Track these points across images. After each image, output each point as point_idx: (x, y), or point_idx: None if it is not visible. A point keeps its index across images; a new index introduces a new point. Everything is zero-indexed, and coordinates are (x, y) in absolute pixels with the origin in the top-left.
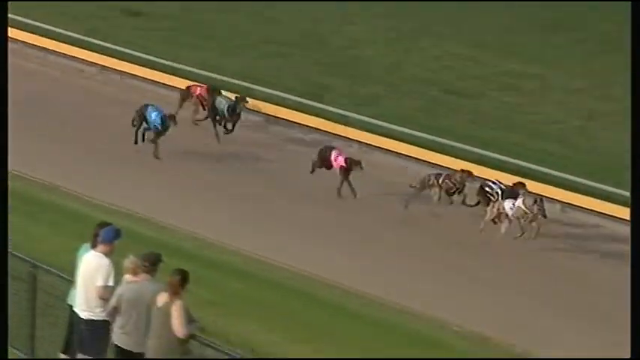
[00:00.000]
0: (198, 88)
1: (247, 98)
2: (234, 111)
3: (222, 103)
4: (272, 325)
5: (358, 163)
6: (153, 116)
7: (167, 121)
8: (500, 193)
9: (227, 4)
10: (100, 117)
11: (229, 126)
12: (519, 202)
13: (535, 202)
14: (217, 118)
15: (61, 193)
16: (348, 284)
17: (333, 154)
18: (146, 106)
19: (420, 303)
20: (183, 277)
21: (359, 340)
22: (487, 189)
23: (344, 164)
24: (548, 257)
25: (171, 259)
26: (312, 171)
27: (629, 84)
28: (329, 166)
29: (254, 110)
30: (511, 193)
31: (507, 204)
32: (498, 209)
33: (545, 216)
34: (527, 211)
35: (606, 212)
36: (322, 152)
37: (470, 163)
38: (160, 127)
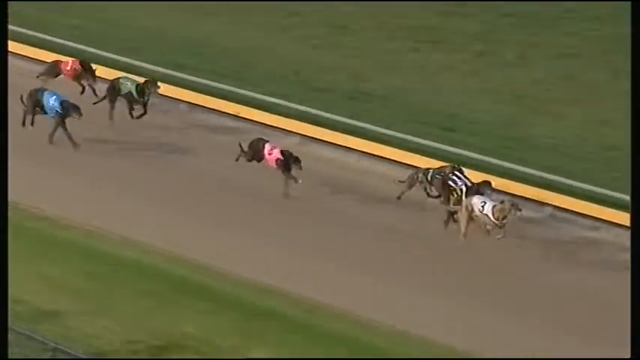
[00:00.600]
0: (70, 62)
1: (158, 83)
2: (142, 94)
3: (127, 85)
4: None
5: (298, 160)
6: (51, 101)
7: (67, 105)
8: (464, 189)
9: None
10: None
11: (139, 110)
12: (496, 203)
13: (512, 204)
14: (128, 102)
15: None
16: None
17: (267, 147)
18: (41, 90)
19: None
20: None
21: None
22: (450, 183)
23: (280, 157)
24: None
25: None
26: (237, 159)
27: None
28: (260, 160)
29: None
30: (476, 190)
31: (476, 203)
32: (468, 208)
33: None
34: (505, 214)
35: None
36: (254, 144)
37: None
38: (61, 112)
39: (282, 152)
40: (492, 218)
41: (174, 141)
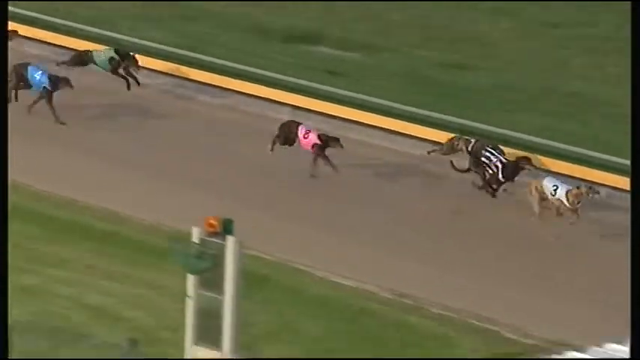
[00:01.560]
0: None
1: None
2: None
3: (100, 56)
4: None
5: (336, 140)
6: (37, 76)
7: (55, 80)
8: (500, 166)
9: None
10: None
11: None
12: (571, 188)
13: (589, 188)
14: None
15: None
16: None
17: (302, 130)
18: (25, 65)
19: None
20: None
21: None
22: (484, 159)
23: (318, 141)
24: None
25: None
26: (272, 149)
27: None
28: (292, 144)
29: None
30: (515, 168)
31: (547, 186)
32: (539, 190)
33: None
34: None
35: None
36: (285, 127)
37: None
38: (50, 87)
39: (319, 136)
40: (567, 203)
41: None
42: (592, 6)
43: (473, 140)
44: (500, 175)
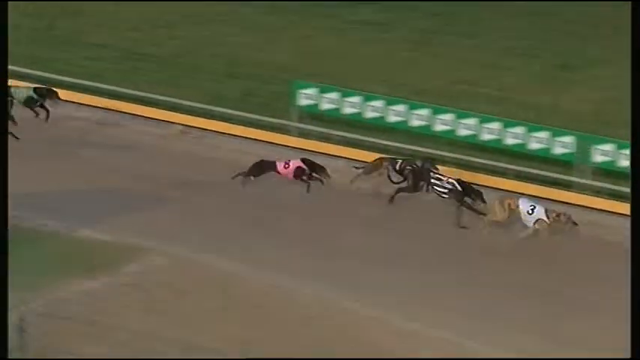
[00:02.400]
0: None
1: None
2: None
3: (22, 93)
4: None
5: (322, 168)
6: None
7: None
8: (456, 184)
9: None
10: None
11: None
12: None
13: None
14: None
15: None
16: None
17: (279, 164)
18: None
19: None
20: None
21: None
22: (434, 180)
23: (301, 165)
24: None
25: None
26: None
27: None
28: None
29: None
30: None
31: (525, 205)
32: (511, 207)
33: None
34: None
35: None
36: (261, 166)
37: None
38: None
39: (302, 160)
40: (547, 220)
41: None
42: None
43: (399, 160)
44: (459, 189)
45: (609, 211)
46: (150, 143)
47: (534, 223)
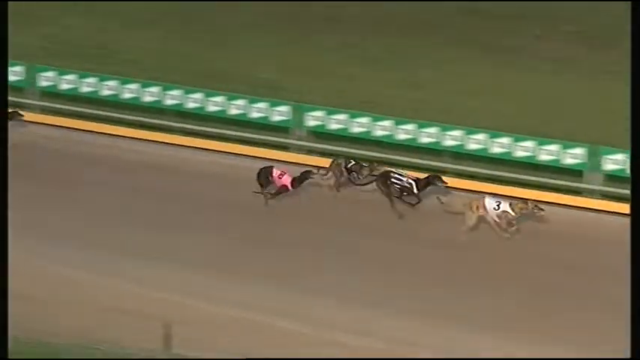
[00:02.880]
0: None
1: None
2: None
3: None
4: None
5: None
6: None
7: None
8: (414, 183)
9: None
10: None
11: None
12: (513, 202)
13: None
14: None
15: None
16: None
17: (275, 172)
18: None
19: None
20: None
21: None
22: (394, 180)
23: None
24: None
25: None
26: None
27: None
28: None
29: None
30: (427, 183)
31: (490, 202)
32: (479, 207)
33: None
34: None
35: None
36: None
37: None
38: None
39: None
40: (512, 213)
41: None
42: None
43: (352, 161)
44: (415, 190)
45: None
46: None
47: (500, 217)
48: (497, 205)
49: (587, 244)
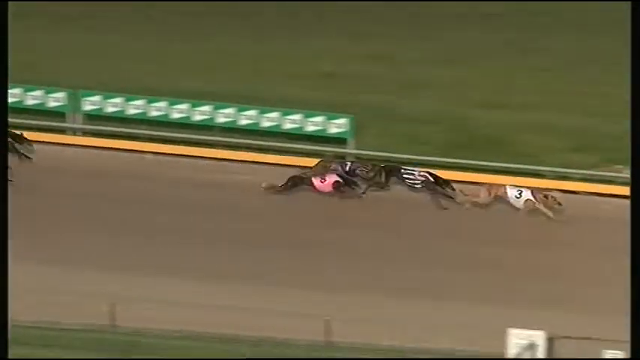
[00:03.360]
0: None
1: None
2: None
3: None
4: None
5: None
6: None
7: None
8: (429, 176)
9: None
10: None
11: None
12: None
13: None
14: None
15: None
16: None
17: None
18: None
19: None
20: None
21: None
22: (406, 176)
23: (337, 179)
24: None
25: None
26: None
27: None
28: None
29: None
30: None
31: (512, 191)
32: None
33: None
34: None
35: None
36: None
37: None
38: None
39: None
40: (536, 201)
41: None
42: None
43: (349, 163)
44: (432, 183)
45: None
46: None
47: (524, 204)
48: (519, 194)
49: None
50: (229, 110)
